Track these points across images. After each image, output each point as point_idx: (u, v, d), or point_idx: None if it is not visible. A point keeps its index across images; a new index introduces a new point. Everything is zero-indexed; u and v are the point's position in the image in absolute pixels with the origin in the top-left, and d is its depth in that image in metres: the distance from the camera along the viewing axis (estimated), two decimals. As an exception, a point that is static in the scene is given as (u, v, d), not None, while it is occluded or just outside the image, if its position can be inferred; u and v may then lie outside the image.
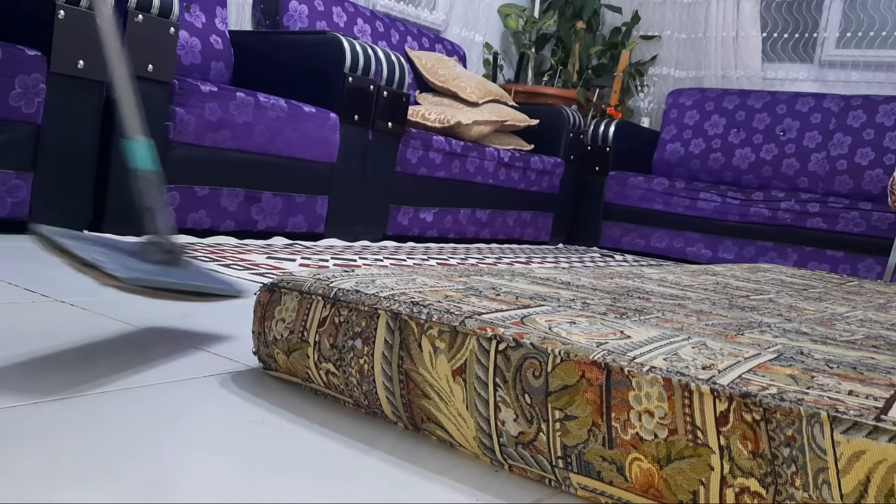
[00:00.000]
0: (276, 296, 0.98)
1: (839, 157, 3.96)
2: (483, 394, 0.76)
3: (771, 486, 0.61)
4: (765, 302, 1.34)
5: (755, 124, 4.23)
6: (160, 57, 2.21)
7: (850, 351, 0.88)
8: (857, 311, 1.36)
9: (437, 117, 3.30)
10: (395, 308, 0.85)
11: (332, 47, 2.77)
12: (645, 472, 0.67)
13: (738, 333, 0.92)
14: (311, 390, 0.96)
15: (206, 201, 2.39)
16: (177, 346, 1.11)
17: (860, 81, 4.25)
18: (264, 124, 2.50)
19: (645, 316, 0.97)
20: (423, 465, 0.77)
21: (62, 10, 2.00)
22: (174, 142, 2.28)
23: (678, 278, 1.61)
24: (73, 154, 2.10)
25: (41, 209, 2.05)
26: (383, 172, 2.98)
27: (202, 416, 0.83)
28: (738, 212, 3.76)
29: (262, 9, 3.32)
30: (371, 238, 3.01)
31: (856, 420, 0.58)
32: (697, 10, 4.69)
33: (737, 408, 0.63)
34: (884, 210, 3.43)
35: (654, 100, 4.86)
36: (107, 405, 0.82)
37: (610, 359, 0.70)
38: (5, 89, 1.92)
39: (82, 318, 1.20)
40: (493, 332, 0.77)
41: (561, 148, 3.98)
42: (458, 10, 4.43)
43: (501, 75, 4.77)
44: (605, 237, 4.14)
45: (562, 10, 4.81)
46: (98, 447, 0.71)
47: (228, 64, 2.95)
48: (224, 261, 1.98)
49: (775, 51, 4.54)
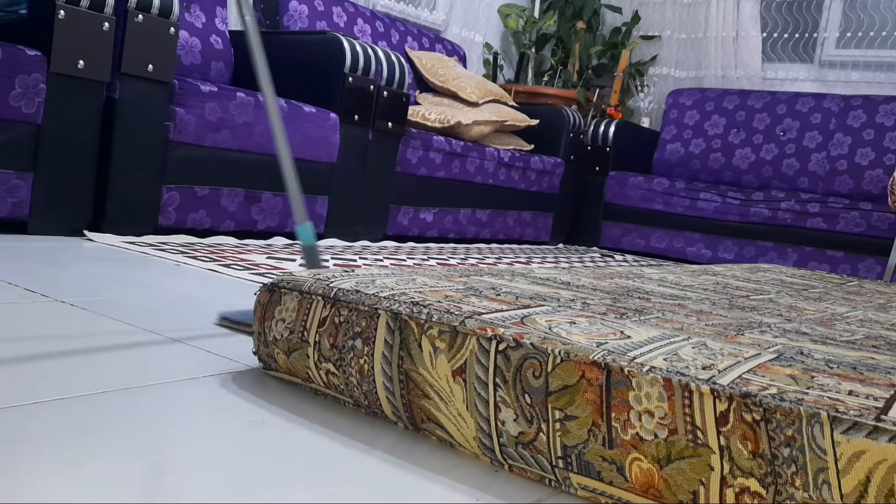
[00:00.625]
0: (276, 296, 0.98)
1: (839, 157, 3.96)
2: (483, 394, 0.76)
3: (771, 486, 0.61)
4: (765, 302, 1.34)
5: (755, 124, 4.23)
6: (160, 57, 2.21)
7: (850, 351, 0.88)
8: (857, 312, 1.36)
9: (437, 117, 3.30)
10: (395, 308, 0.85)
11: (333, 47, 2.77)
12: (645, 472, 0.67)
13: (738, 333, 0.92)
14: (311, 390, 0.96)
15: (206, 201, 2.39)
16: (177, 346, 1.11)
17: (860, 81, 4.25)
18: (264, 124, 2.50)
19: (645, 316, 0.97)
20: (423, 465, 0.77)
21: (62, 10, 2.00)
22: (174, 142, 2.28)
23: (678, 278, 1.61)
24: (73, 154, 2.10)
25: (41, 209, 2.05)
26: (383, 172, 2.98)
27: (202, 416, 0.83)
28: (738, 212, 3.76)
29: (262, 9, 3.32)
30: (371, 238, 3.01)
31: (856, 420, 0.58)
32: (697, 10, 4.69)
33: (737, 408, 0.63)
34: (884, 210, 3.43)
35: (654, 100, 4.86)
36: (107, 405, 0.82)
37: (610, 359, 0.70)
38: (5, 89, 1.92)
39: (82, 318, 1.20)
40: (493, 332, 0.77)
41: (561, 148, 3.98)
42: (458, 10, 4.43)
43: (501, 75, 4.77)
44: (605, 237, 4.14)
45: (562, 10, 4.81)
46: (98, 447, 0.71)
47: (228, 64, 2.95)
48: (224, 261, 1.98)
49: (775, 51, 4.54)
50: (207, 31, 2.88)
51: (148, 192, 2.24)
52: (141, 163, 2.22)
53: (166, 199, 2.28)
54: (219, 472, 0.69)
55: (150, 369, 0.98)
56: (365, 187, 2.92)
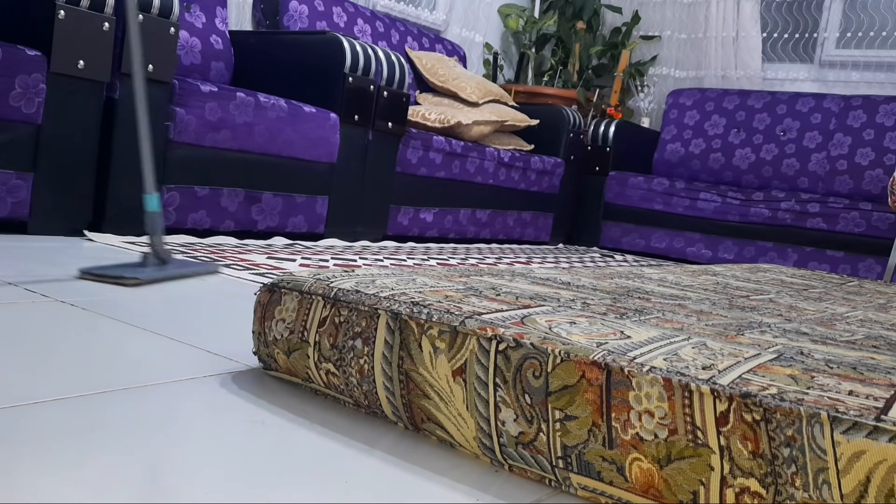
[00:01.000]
0: (276, 296, 0.98)
1: (839, 157, 3.96)
2: (483, 394, 0.76)
3: (771, 486, 0.61)
4: (765, 302, 1.34)
5: (755, 124, 4.23)
6: (160, 57, 2.21)
7: (850, 351, 0.88)
8: (857, 312, 1.36)
9: (437, 117, 3.30)
10: (395, 308, 0.85)
11: (333, 47, 2.77)
12: (645, 473, 0.67)
13: (738, 333, 0.92)
14: (311, 390, 0.96)
15: (206, 201, 2.39)
16: (177, 346, 1.11)
17: (860, 81, 4.25)
18: (264, 124, 2.50)
19: (645, 316, 0.97)
20: (423, 465, 0.77)
21: (62, 10, 2.00)
22: (174, 142, 2.28)
23: (678, 278, 1.61)
24: (73, 154, 2.10)
25: (41, 209, 2.05)
26: (383, 172, 2.98)
27: (202, 416, 0.83)
28: (738, 212, 3.76)
29: (262, 9, 3.32)
30: (371, 238, 3.01)
31: (856, 420, 0.58)
32: (697, 11, 4.69)
33: (737, 408, 0.63)
34: (884, 210, 3.44)
35: (654, 100, 4.86)
36: (107, 405, 0.82)
37: (610, 359, 0.70)
38: (5, 89, 1.92)
39: (82, 318, 1.20)
40: (493, 332, 0.77)
41: (561, 148, 3.98)
42: (458, 10, 4.43)
43: (501, 75, 4.77)
44: (605, 237, 4.14)
45: (562, 10, 4.81)
46: (98, 447, 0.71)
47: (228, 64, 2.95)
48: (224, 261, 1.98)
49: (775, 51, 4.54)
50: (207, 31, 2.88)
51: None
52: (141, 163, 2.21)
53: (166, 199, 2.28)
54: (219, 472, 0.69)
55: (150, 369, 0.98)
56: (365, 187, 2.92)
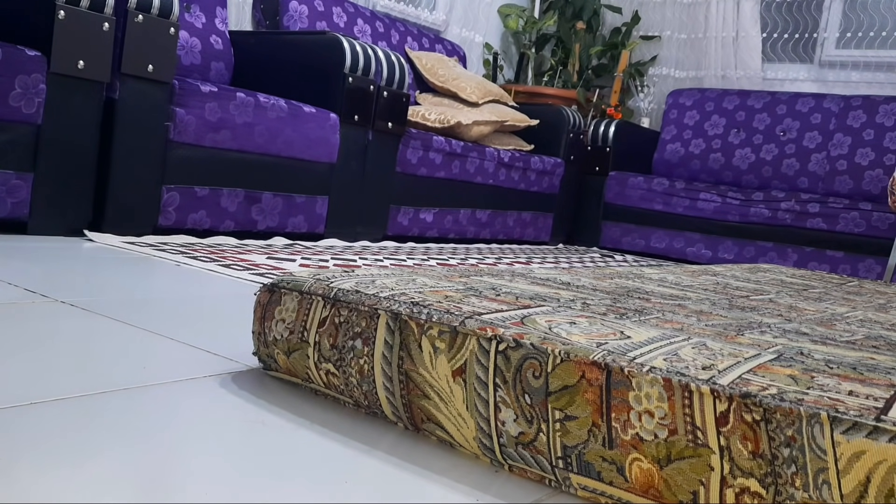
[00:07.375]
0: (276, 296, 0.98)
1: (839, 157, 3.96)
2: (483, 394, 0.76)
3: (771, 486, 0.61)
4: (765, 302, 1.34)
5: (755, 124, 4.23)
6: (160, 57, 2.21)
7: (850, 351, 0.88)
8: (857, 312, 1.36)
9: (437, 117, 3.30)
10: (395, 308, 0.85)
11: (333, 47, 2.77)
12: (645, 473, 0.67)
13: (738, 334, 0.92)
14: (311, 390, 0.96)
15: (206, 201, 2.39)
16: (176, 346, 1.11)
17: (860, 82, 4.25)
18: (264, 124, 2.50)
19: (645, 316, 0.97)
20: (423, 465, 0.77)
21: (62, 11, 2.00)
22: (174, 142, 2.28)
23: (678, 278, 1.61)
24: (73, 154, 2.10)
25: (41, 209, 2.05)
26: (383, 172, 2.98)
27: (202, 416, 0.83)
28: (738, 212, 3.76)
29: (262, 9, 3.32)
30: (371, 238, 3.01)
31: (856, 420, 0.58)
32: (697, 11, 4.69)
33: (737, 408, 0.63)
34: (884, 210, 3.43)
35: (654, 100, 4.86)
36: (107, 405, 0.82)
37: (610, 359, 0.70)
38: (5, 89, 1.92)
39: (82, 318, 1.20)
40: (493, 332, 0.77)
41: (561, 148, 3.98)
42: (458, 11, 4.43)
43: (501, 75, 4.77)
44: (605, 237, 4.14)
45: (562, 10, 4.81)
46: (98, 447, 0.71)
47: (228, 64, 2.95)
48: (224, 261, 1.98)
49: (775, 51, 4.54)
50: (207, 32, 2.88)
51: (148, 192, 2.24)
52: (141, 163, 2.22)
53: (166, 199, 2.28)
54: (219, 473, 0.69)
55: (150, 369, 0.98)
56: (365, 187, 2.92)
